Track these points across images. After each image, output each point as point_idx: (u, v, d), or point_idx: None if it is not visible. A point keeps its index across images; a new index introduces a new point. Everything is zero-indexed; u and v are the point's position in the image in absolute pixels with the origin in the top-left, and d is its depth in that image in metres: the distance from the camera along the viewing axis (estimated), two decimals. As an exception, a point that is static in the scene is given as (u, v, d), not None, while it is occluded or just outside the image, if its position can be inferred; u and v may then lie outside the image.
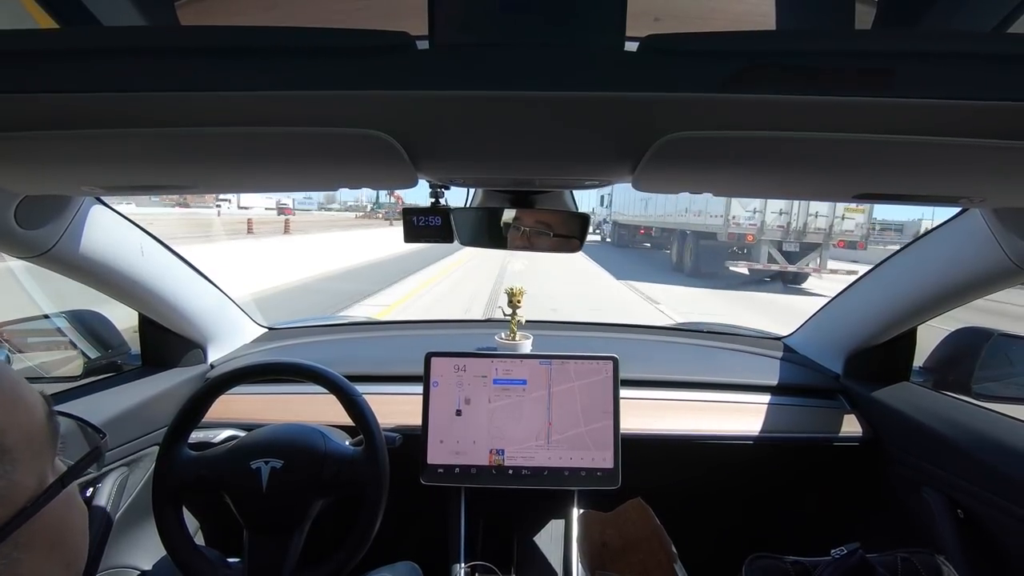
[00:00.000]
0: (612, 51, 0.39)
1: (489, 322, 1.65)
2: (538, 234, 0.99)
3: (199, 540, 1.23)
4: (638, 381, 1.26)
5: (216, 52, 0.39)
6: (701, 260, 11.33)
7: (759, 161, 0.53)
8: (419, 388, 1.10)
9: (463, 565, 1.05)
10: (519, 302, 1.40)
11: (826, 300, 1.41)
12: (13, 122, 0.44)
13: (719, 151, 0.49)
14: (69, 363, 1.18)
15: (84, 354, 1.19)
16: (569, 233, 0.98)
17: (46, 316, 1.23)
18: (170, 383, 1.18)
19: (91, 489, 0.96)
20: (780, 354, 1.45)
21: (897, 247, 1.23)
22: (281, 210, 38.43)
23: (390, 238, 17.43)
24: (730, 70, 0.38)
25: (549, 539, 1.14)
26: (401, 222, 0.88)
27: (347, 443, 0.93)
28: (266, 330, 1.54)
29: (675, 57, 0.38)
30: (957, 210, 0.95)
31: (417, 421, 1.08)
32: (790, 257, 10.36)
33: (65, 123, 0.44)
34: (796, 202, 9.76)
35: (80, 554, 0.41)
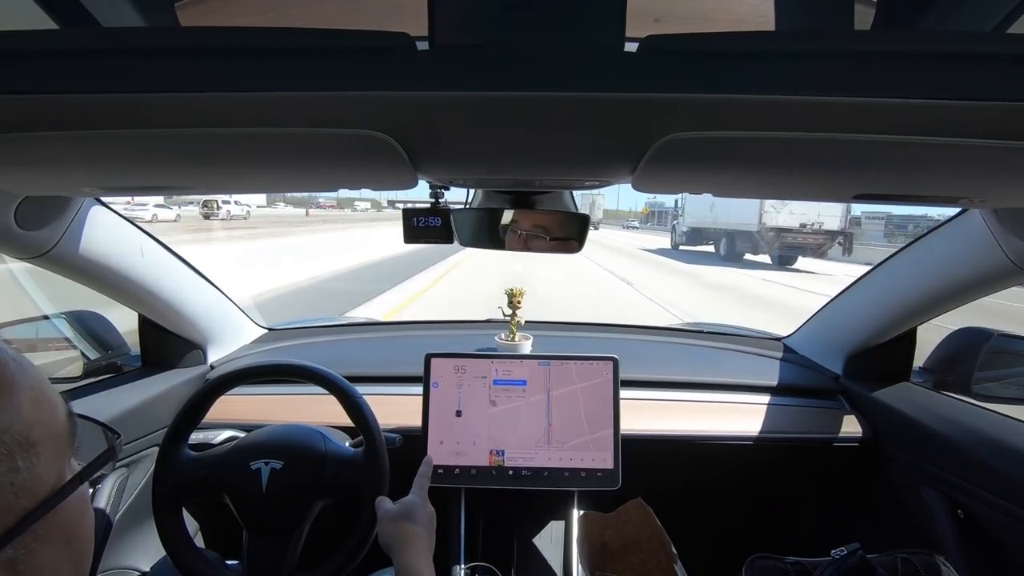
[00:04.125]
0: (612, 51, 0.39)
1: (489, 323, 1.65)
2: (538, 235, 0.99)
3: (199, 541, 1.23)
4: (638, 381, 1.26)
5: (216, 53, 0.39)
6: None
7: (759, 161, 0.53)
8: (419, 389, 1.10)
9: (463, 566, 1.05)
10: (519, 303, 1.40)
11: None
12: (13, 122, 0.44)
13: (719, 151, 0.49)
14: (69, 364, 1.18)
15: (84, 355, 1.19)
16: (569, 234, 0.98)
17: (46, 317, 1.23)
18: (170, 384, 1.18)
19: (91, 490, 0.96)
20: (780, 354, 1.45)
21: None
22: None
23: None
24: (730, 70, 0.38)
25: (549, 540, 1.14)
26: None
27: (347, 444, 0.93)
28: (266, 331, 1.54)
29: (675, 57, 0.38)
30: (957, 210, 0.95)
31: (417, 422, 1.08)
32: None
33: (65, 124, 0.44)
34: None
35: (87, 555, 0.42)
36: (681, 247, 17.82)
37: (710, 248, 16.64)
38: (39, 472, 0.36)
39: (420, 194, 0.84)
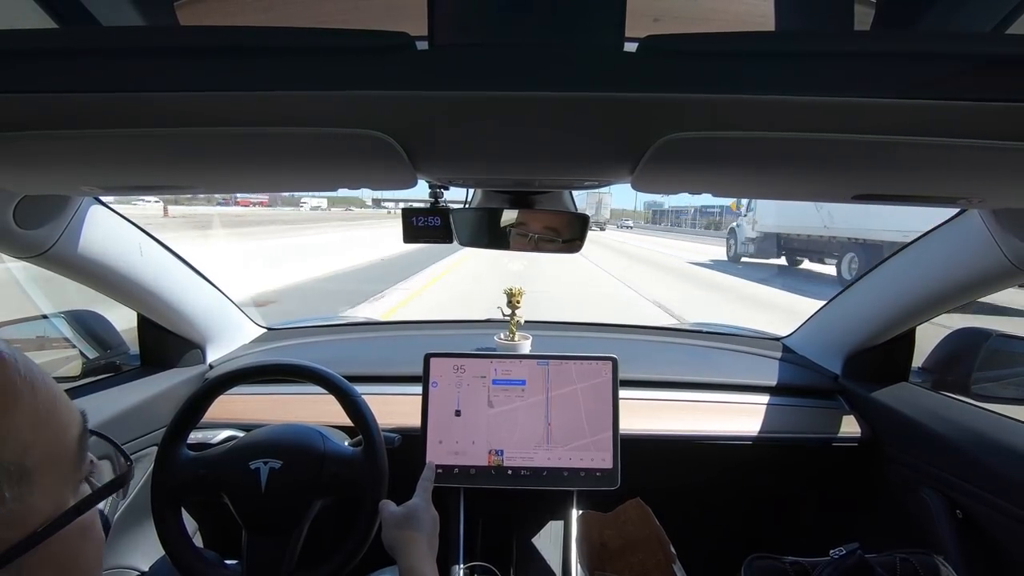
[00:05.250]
0: (611, 51, 0.39)
1: (488, 322, 1.65)
2: (538, 235, 0.99)
3: (197, 541, 1.23)
4: (637, 381, 1.26)
5: (215, 52, 0.39)
6: None
7: (759, 161, 0.53)
8: (418, 388, 1.10)
9: (462, 566, 1.05)
10: (518, 303, 1.40)
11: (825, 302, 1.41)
12: (13, 122, 0.44)
13: (719, 151, 0.49)
14: (68, 363, 1.18)
15: (83, 354, 1.19)
16: (569, 234, 0.98)
17: (45, 316, 1.23)
18: (169, 383, 1.18)
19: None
20: (779, 354, 1.46)
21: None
22: None
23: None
24: (729, 70, 0.38)
25: (548, 540, 1.14)
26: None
27: (346, 443, 0.93)
28: (265, 330, 1.54)
29: (674, 57, 0.38)
30: (956, 211, 0.95)
31: (416, 422, 1.08)
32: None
33: (65, 123, 0.44)
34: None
35: None
36: (744, 259, 12.96)
37: (780, 261, 12.15)
38: (32, 501, 0.33)
39: (409, 194, 0.84)
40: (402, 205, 0.91)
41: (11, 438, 0.32)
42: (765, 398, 1.26)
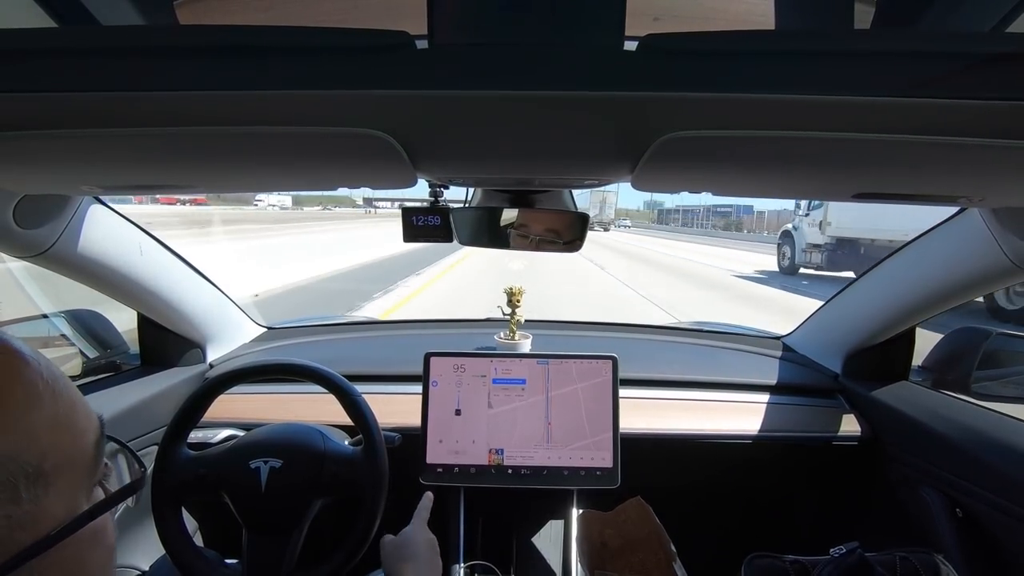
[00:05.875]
0: (611, 51, 0.39)
1: (488, 322, 1.65)
2: (538, 234, 0.99)
3: (198, 540, 1.23)
4: (637, 380, 1.26)
5: (215, 52, 0.39)
6: None
7: (759, 161, 0.53)
8: (419, 388, 1.10)
9: (462, 565, 1.05)
10: (518, 302, 1.40)
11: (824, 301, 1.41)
12: (12, 121, 0.44)
13: (718, 151, 0.49)
14: (68, 363, 1.18)
15: (83, 354, 1.19)
16: (569, 233, 0.98)
17: (45, 316, 1.23)
18: (169, 383, 1.18)
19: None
20: (779, 353, 1.46)
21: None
22: None
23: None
24: (730, 69, 0.38)
25: (548, 539, 1.14)
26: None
27: (346, 443, 0.93)
28: (265, 330, 1.54)
29: (674, 57, 0.38)
30: (956, 209, 0.95)
31: (416, 421, 1.08)
32: None
33: (64, 123, 0.44)
34: None
35: None
36: (803, 270, 10.23)
37: (849, 274, 8.44)
38: (46, 505, 0.33)
39: (408, 193, 0.84)
40: (397, 204, 0.91)
41: (31, 439, 0.32)
42: (765, 397, 1.26)
